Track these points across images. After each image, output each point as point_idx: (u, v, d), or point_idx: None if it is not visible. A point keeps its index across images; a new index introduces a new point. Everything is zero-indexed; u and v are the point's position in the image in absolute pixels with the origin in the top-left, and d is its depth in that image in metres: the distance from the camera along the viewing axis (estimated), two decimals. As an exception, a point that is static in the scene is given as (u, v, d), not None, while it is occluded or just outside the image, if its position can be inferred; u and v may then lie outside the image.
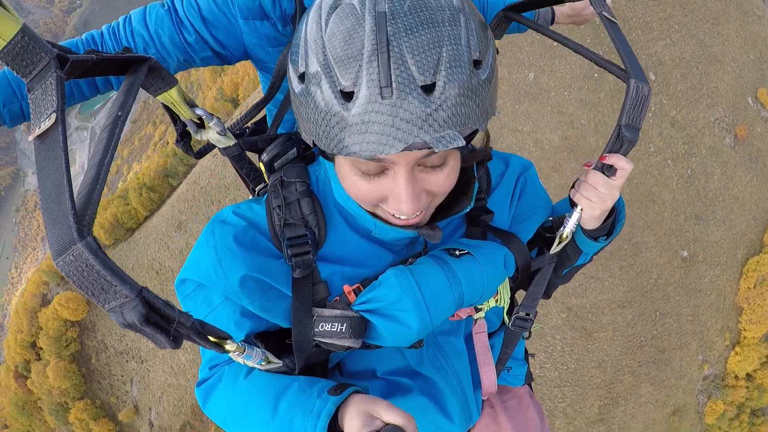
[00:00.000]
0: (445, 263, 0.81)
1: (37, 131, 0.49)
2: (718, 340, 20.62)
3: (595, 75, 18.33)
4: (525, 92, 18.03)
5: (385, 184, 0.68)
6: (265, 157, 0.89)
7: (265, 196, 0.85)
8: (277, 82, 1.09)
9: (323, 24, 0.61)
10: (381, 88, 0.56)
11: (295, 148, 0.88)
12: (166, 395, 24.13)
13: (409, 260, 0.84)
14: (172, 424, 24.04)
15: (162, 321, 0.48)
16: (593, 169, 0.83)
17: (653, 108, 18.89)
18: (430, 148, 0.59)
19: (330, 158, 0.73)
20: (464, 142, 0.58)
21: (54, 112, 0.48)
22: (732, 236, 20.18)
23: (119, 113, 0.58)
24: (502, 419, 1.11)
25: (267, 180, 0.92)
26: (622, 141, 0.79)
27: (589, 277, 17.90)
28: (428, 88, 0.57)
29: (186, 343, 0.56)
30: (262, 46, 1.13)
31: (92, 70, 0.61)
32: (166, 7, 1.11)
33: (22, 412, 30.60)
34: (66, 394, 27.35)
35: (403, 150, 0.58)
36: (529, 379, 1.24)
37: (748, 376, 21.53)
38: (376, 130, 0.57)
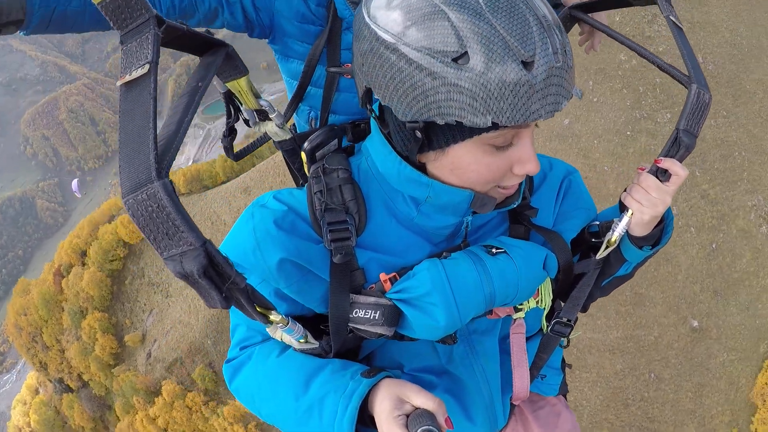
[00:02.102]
0: (479, 260, 0.82)
1: (128, 78, 0.52)
2: (723, 436, 18.76)
3: (628, 132, 19.87)
4: (557, 134, 19.95)
5: (512, 153, 0.73)
6: (307, 145, 0.89)
7: (306, 184, 0.86)
8: (309, 71, 1.18)
9: (483, 6, 0.63)
10: (554, 54, 0.64)
11: (336, 140, 0.90)
12: (173, 330, 25.67)
13: (444, 254, 0.85)
14: (166, 357, 25.51)
15: (217, 277, 0.50)
16: (647, 172, 0.84)
17: (683, 175, 19.49)
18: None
19: (440, 147, 0.73)
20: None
21: (148, 63, 0.52)
22: (756, 326, 19.06)
23: (199, 84, 0.63)
24: (533, 428, 1.10)
25: (307, 170, 0.92)
26: (678, 146, 0.80)
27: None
28: (565, 52, 0.67)
29: None
30: (289, 19, 1.19)
31: (177, 40, 0.65)
32: None
33: (45, 305, 31.84)
34: (90, 301, 28.97)
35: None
36: (564, 389, 1.22)
37: (757, 490, 18.79)
38: (554, 91, 0.65)
